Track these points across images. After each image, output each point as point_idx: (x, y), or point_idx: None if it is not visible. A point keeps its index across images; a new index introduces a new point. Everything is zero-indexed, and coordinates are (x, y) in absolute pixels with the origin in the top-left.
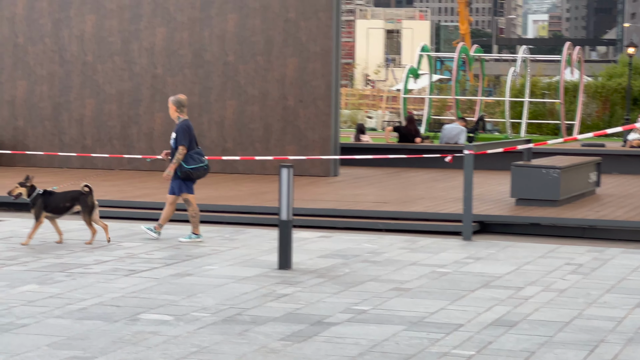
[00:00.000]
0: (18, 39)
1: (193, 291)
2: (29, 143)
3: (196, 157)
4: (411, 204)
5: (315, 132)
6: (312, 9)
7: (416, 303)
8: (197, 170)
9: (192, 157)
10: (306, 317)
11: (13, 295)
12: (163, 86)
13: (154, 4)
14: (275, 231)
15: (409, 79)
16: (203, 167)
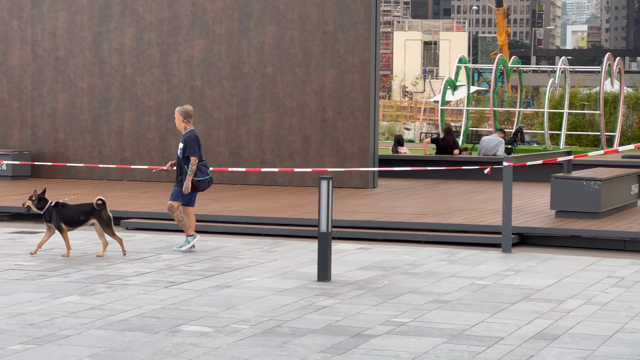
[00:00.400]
0: (59, 52)
1: (233, 303)
2: (69, 155)
3: (202, 169)
4: (450, 216)
5: (353, 144)
6: (351, 21)
7: (456, 315)
8: (202, 182)
9: (199, 169)
10: (346, 329)
11: (55, 306)
12: (201, 98)
13: (193, 16)
14: (314, 243)
15: (446, 91)
16: (207, 179)
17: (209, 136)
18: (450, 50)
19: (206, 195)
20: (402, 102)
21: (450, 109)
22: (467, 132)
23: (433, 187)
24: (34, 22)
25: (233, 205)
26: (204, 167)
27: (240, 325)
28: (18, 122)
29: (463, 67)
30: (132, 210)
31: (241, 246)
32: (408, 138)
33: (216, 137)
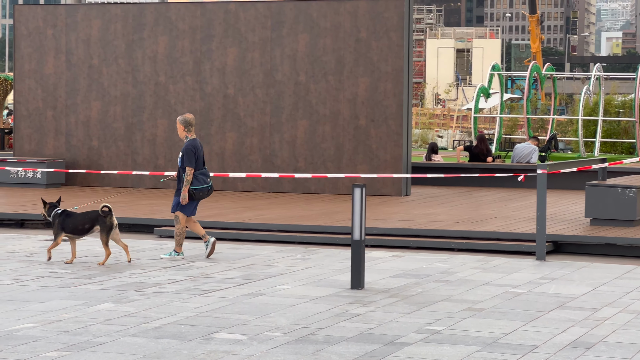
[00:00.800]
0: (93, 60)
1: (266, 311)
2: (103, 163)
3: (200, 177)
4: (483, 224)
5: (386, 151)
6: (383, 29)
7: (490, 323)
8: (199, 190)
9: (196, 178)
10: (379, 337)
11: (89, 313)
12: (234, 106)
13: (226, 24)
14: (347, 251)
15: (479, 98)
16: (206, 188)
17: (242, 144)
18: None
19: (239, 203)
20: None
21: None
22: (500, 140)
23: (466, 195)
24: (68, 31)
25: (266, 213)
26: (203, 175)
27: (273, 333)
28: (52, 130)
29: (496, 75)
30: (164, 219)
31: (274, 254)
32: (441, 146)
33: (249, 144)
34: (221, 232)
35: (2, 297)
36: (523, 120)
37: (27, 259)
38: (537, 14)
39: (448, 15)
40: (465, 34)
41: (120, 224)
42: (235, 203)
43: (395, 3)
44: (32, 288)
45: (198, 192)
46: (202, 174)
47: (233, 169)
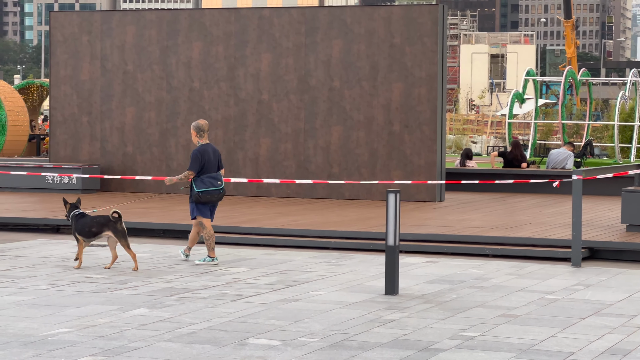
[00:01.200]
0: (127, 66)
1: (300, 316)
2: (137, 169)
3: (207, 180)
4: (518, 230)
5: (420, 157)
6: (417, 34)
7: (525, 330)
8: (206, 193)
9: (202, 181)
10: (414, 343)
11: (124, 318)
12: (269, 112)
13: (260, 30)
14: (381, 256)
15: (514, 104)
16: (214, 191)
17: (276, 150)
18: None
19: (273, 209)
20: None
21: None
22: (535, 146)
23: (501, 201)
24: (103, 37)
25: (300, 218)
26: (211, 178)
27: (307, 339)
28: (88, 136)
29: (531, 80)
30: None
31: (308, 260)
32: (475, 151)
33: (283, 150)
34: (255, 238)
35: (38, 302)
36: (558, 125)
37: (62, 264)
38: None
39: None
40: (499, 39)
41: (155, 230)
42: (270, 209)
43: (429, 9)
44: (67, 293)
45: (205, 194)
46: (211, 177)
47: (267, 174)
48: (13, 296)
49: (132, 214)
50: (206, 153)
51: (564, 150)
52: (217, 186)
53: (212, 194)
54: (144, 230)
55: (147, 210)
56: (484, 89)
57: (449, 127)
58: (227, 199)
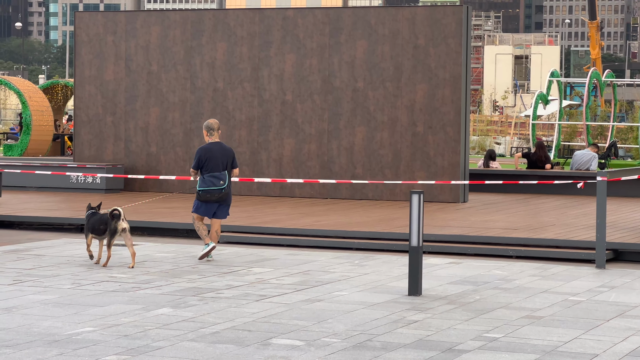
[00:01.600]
0: (152, 66)
1: (323, 317)
2: (161, 169)
3: (208, 179)
4: (542, 231)
5: (444, 158)
6: (441, 35)
7: (549, 332)
8: (205, 192)
9: (204, 180)
10: (437, 344)
11: (148, 318)
12: (292, 112)
13: (284, 30)
14: (404, 257)
15: (538, 105)
16: (214, 190)
17: (300, 150)
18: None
19: (297, 209)
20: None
21: (542, 123)
22: (558, 147)
23: (524, 202)
24: (127, 38)
25: (324, 219)
26: (213, 178)
27: (331, 339)
28: (112, 136)
29: (555, 81)
30: (222, 224)
31: (332, 260)
32: (499, 152)
33: (307, 151)
34: (279, 238)
35: (62, 301)
36: (582, 127)
37: (86, 264)
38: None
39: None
40: (523, 40)
41: (178, 230)
42: (293, 209)
43: (453, 9)
44: (91, 292)
45: (204, 193)
46: (213, 177)
47: (291, 175)
48: (37, 295)
49: (156, 214)
50: (209, 151)
51: (588, 151)
52: (218, 186)
53: (211, 193)
54: (167, 230)
55: (171, 210)
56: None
57: (472, 128)
58: (250, 199)
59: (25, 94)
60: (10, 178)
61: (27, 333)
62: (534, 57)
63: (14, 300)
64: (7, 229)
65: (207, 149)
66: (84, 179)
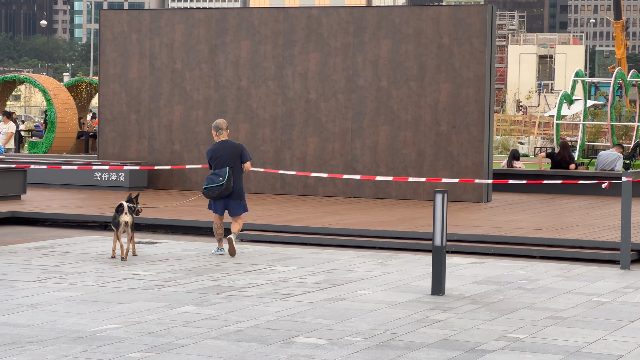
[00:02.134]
0: (176, 64)
1: (346, 315)
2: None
3: (209, 177)
4: (566, 231)
5: (468, 158)
6: (466, 35)
7: (573, 332)
8: (207, 190)
9: (207, 178)
10: (460, 343)
11: (172, 316)
12: (316, 111)
13: (308, 29)
14: (428, 256)
15: (562, 105)
16: (214, 187)
17: (324, 149)
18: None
19: (320, 208)
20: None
21: (566, 123)
22: (583, 147)
23: (548, 202)
24: (152, 36)
25: (347, 218)
26: (215, 175)
27: (354, 338)
28: (136, 134)
29: (580, 81)
30: (246, 222)
31: (355, 259)
32: (522, 152)
33: (330, 149)
34: (302, 237)
35: (86, 298)
36: (607, 127)
37: (111, 261)
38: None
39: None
40: (548, 40)
41: (201, 228)
42: (316, 208)
43: (477, 9)
44: (115, 289)
45: (207, 191)
46: (214, 174)
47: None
48: (62, 292)
49: (179, 212)
50: (214, 151)
51: (613, 151)
52: (217, 182)
53: (212, 190)
54: (190, 228)
55: (194, 208)
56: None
57: (496, 127)
58: (274, 198)
59: (50, 91)
60: (35, 175)
61: (52, 329)
62: (558, 57)
63: (39, 297)
64: (32, 225)
65: (213, 149)
66: (107, 176)
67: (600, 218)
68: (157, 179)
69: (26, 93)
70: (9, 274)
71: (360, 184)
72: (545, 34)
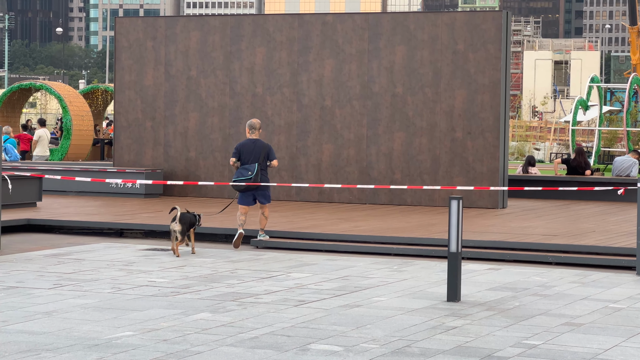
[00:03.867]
0: (191, 71)
1: (362, 322)
2: (200, 174)
3: (238, 171)
4: (582, 237)
5: (483, 164)
6: (481, 41)
7: (589, 339)
8: (236, 181)
9: (236, 172)
10: (476, 350)
11: (187, 322)
12: (331, 118)
13: (323, 36)
14: (443, 263)
15: (578, 111)
16: (242, 179)
17: (339, 156)
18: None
19: (335, 214)
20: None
21: (582, 129)
22: (599, 153)
23: (564, 208)
24: (167, 43)
25: (362, 224)
26: (244, 169)
27: (369, 345)
28: (151, 141)
29: (595, 87)
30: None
31: (370, 265)
32: (538, 158)
33: (346, 156)
34: (317, 244)
35: (102, 305)
36: (622, 133)
37: (126, 268)
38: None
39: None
40: (563, 45)
41: (217, 234)
42: (332, 215)
43: (493, 15)
44: (131, 297)
45: (235, 182)
46: (243, 168)
47: (329, 180)
48: (77, 299)
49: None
50: (244, 146)
51: (629, 157)
52: (246, 176)
53: (240, 182)
54: (206, 235)
55: (209, 215)
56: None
57: (511, 133)
58: (289, 204)
59: (66, 98)
60: (51, 182)
61: (67, 337)
62: (573, 63)
63: (54, 304)
64: (48, 233)
65: (243, 144)
66: (123, 183)
67: (616, 224)
68: (173, 186)
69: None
70: (25, 281)
71: (375, 190)
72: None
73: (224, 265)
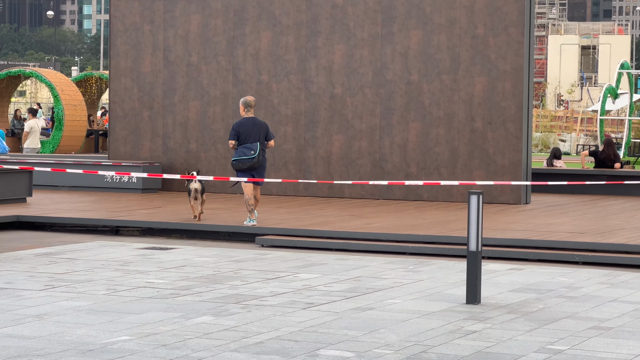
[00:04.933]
0: (191, 57)
1: (375, 326)
2: (201, 167)
3: (240, 150)
4: (610, 235)
5: (504, 156)
6: (502, 24)
7: (618, 344)
8: (238, 162)
9: (237, 151)
10: (497, 356)
11: (188, 326)
12: (342, 107)
13: (333, 19)
14: (462, 262)
15: (606, 99)
16: (245, 159)
17: (350, 147)
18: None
19: (346, 210)
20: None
21: (611, 118)
22: (629, 144)
23: (591, 204)
24: (166, 27)
25: (375, 221)
26: (246, 149)
27: (383, 350)
28: (149, 132)
29: (625, 74)
30: (267, 227)
31: (384, 265)
32: (564, 150)
33: (357, 148)
34: (327, 242)
35: (97, 308)
36: None
37: (122, 268)
38: None
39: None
40: (591, 29)
41: (220, 232)
42: (342, 211)
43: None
44: (127, 299)
45: (237, 162)
46: (245, 147)
47: (340, 174)
48: (70, 301)
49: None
50: (243, 125)
51: None
52: (249, 155)
53: (243, 162)
54: (208, 232)
55: (212, 211)
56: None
57: (535, 124)
58: (297, 200)
59: (57, 87)
60: (42, 176)
61: (60, 342)
62: (602, 48)
63: (46, 306)
64: (39, 230)
65: (241, 123)
66: (119, 177)
67: None
68: (172, 180)
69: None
70: (14, 282)
71: (389, 185)
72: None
73: (226, 265)
